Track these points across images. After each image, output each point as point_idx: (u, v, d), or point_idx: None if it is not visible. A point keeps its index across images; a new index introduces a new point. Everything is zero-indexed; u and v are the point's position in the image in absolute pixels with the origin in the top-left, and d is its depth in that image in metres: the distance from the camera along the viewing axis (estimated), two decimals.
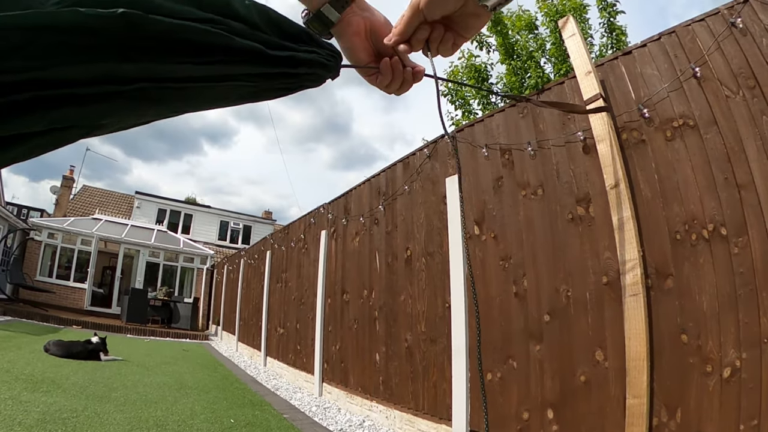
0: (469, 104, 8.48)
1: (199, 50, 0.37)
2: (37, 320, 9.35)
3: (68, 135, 0.37)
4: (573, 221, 2.22)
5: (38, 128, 0.34)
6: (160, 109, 0.40)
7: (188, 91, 0.39)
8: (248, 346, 7.94)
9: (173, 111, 0.41)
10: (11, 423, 2.43)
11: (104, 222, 14.56)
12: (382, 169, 4.01)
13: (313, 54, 0.45)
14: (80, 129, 0.37)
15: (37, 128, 0.34)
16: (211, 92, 0.41)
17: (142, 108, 0.38)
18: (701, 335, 1.69)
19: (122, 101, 0.36)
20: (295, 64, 0.44)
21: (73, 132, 0.37)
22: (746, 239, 1.62)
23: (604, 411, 1.94)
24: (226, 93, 0.42)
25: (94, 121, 0.37)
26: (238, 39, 0.38)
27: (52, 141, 0.37)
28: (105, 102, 0.35)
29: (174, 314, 12.21)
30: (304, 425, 3.31)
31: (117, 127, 0.40)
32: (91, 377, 4.13)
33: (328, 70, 0.48)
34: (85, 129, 0.37)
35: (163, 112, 0.41)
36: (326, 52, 0.47)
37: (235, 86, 0.41)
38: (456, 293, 2.79)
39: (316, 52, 0.46)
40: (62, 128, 0.36)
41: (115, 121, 0.39)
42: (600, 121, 2.09)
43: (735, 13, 1.78)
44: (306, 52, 0.44)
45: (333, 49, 0.49)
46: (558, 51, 7.49)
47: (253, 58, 0.40)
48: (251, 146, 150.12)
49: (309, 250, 5.44)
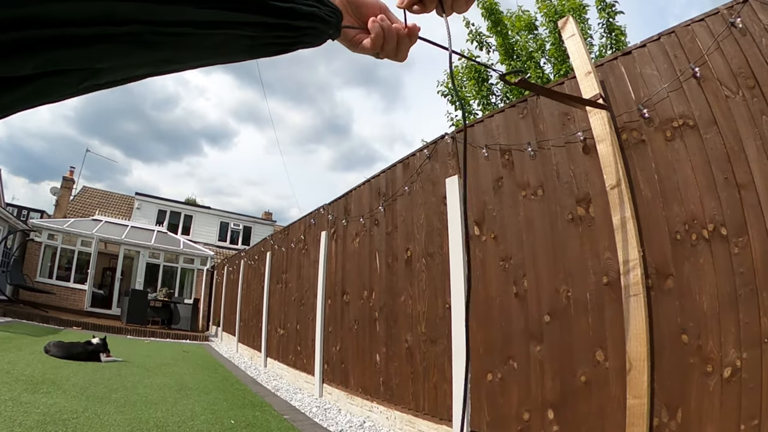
0: (469, 104, 8.48)
1: None
2: (37, 321, 9.34)
3: (59, 83, 0.35)
4: (573, 221, 2.22)
5: (26, 71, 0.32)
6: (155, 57, 0.38)
7: (185, 38, 0.37)
8: (248, 347, 7.94)
9: (168, 61, 0.39)
10: (11, 424, 2.43)
11: (104, 223, 14.56)
12: (382, 170, 4.02)
13: (313, 8, 0.44)
14: (73, 75, 0.35)
15: (25, 71, 0.32)
16: (209, 41, 0.39)
17: (137, 54, 0.36)
18: (702, 335, 1.69)
19: (116, 45, 0.34)
20: (296, 17, 0.43)
21: (64, 78, 0.34)
22: (746, 239, 1.62)
23: (604, 411, 1.94)
24: (223, 43, 0.40)
25: (88, 64, 0.34)
26: None
27: (40, 90, 0.34)
28: (98, 44, 0.33)
29: (174, 315, 12.21)
30: (304, 426, 3.30)
31: (113, 78, 0.38)
32: (92, 378, 4.13)
33: (329, 26, 0.47)
34: (78, 76, 0.35)
35: (158, 63, 0.39)
36: (327, 9, 0.46)
37: (234, 36, 0.40)
38: (456, 294, 2.79)
39: (316, 7, 0.45)
40: (52, 73, 0.33)
41: (107, 68, 0.36)
42: (600, 121, 2.09)
43: (734, 13, 1.78)
44: (307, 5, 0.44)
45: (334, 7, 0.48)
46: (558, 51, 7.49)
47: (252, 6, 0.39)
48: (251, 147, 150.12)
49: (309, 250, 5.44)
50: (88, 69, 0.35)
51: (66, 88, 0.36)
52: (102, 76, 0.37)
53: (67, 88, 0.36)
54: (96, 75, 0.36)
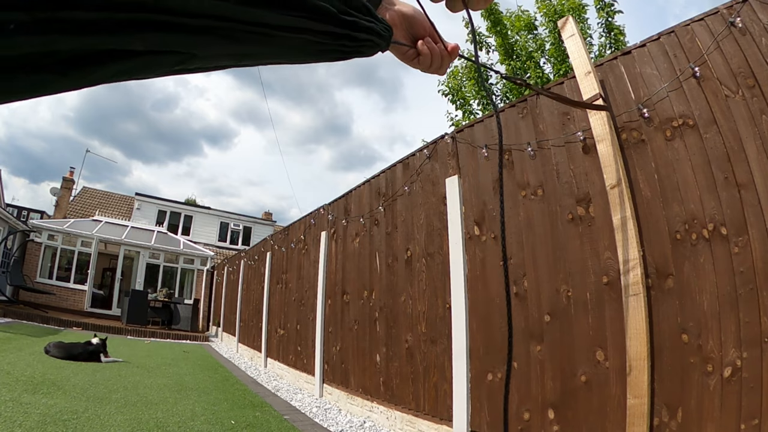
0: (470, 104, 8.48)
1: (286, 3, 0.43)
2: (37, 322, 9.35)
3: (160, 62, 0.41)
4: (573, 221, 2.22)
5: (136, 47, 0.37)
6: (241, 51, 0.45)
7: (269, 38, 0.44)
8: (249, 348, 7.94)
9: (249, 56, 0.47)
10: (12, 425, 2.43)
11: (104, 223, 14.56)
12: (382, 170, 4.02)
13: (372, 23, 0.52)
14: (172, 57, 0.41)
15: (135, 47, 0.37)
16: (287, 42, 0.46)
17: (229, 47, 0.43)
18: (702, 335, 1.69)
19: (213, 37, 0.40)
20: (357, 29, 0.50)
21: (165, 59, 0.40)
22: (746, 239, 1.62)
23: (604, 411, 1.94)
24: (297, 46, 0.47)
25: (188, 49, 0.41)
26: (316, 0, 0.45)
27: (145, 65, 0.40)
28: (201, 34, 0.40)
29: (174, 316, 12.21)
30: (304, 426, 3.30)
31: (201, 64, 0.44)
32: (92, 379, 4.13)
33: (383, 39, 0.54)
34: (176, 58, 0.41)
35: (241, 57, 0.46)
36: (382, 25, 0.54)
37: (307, 41, 0.47)
38: (456, 294, 2.79)
39: (374, 22, 0.52)
40: (157, 52, 0.39)
41: (201, 56, 0.43)
42: (600, 121, 2.09)
43: (734, 12, 1.78)
44: (367, 21, 0.51)
45: (387, 24, 0.55)
46: (557, 51, 7.49)
47: (325, 17, 0.46)
48: (251, 148, 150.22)
49: (309, 251, 5.44)
50: (186, 53, 0.41)
51: (164, 66, 0.42)
52: (195, 62, 0.43)
53: (165, 66, 0.42)
54: (191, 60, 0.42)
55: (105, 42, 0.36)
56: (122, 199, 21.56)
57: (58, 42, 0.34)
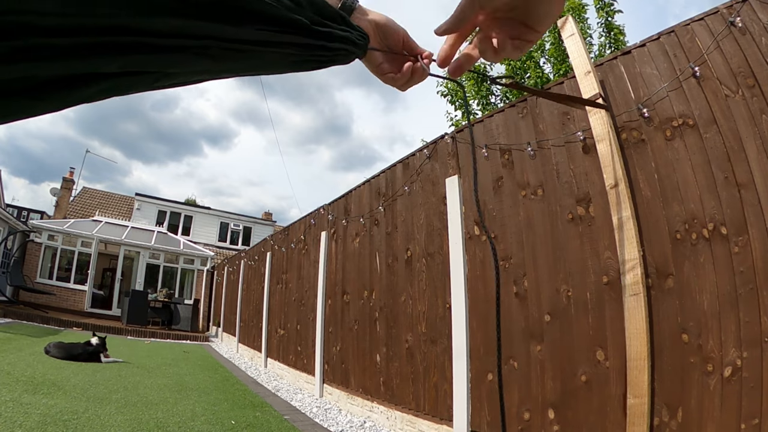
0: (469, 104, 8.48)
1: (260, 19, 0.43)
2: (37, 322, 9.35)
3: (138, 81, 0.41)
4: (573, 221, 2.22)
5: (111, 69, 0.38)
6: (218, 67, 0.45)
7: (244, 53, 0.44)
8: (249, 348, 7.94)
9: (227, 71, 0.47)
10: (12, 425, 2.43)
11: (104, 224, 14.57)
12: (382, 170, 4.02)
13: (347, 32, 0.52)
14: (149, 76, 0.41)
15: (111, 69, 0.38)
16: (263, 56, 0.46)
17: (204, 63, 0.43)
18: (702, 334, 1.69)
19: (188, 55, 0.41)
20: (332, 39, 0.50)
21: (142, 79, 0.41)
22: (746, 238, 1.62)
23: (605, 411, 1.94)
24: (274, 59, 0.48)
25: (164, 68, 0.41)
26: (290, 13, 0.45)
27: (123, 85, 0.41)
28: (176, 53, 0.40)
29: (174, 316, 12.21)
30: (305, 426, 3.30)
31: (180, 80, 0.45)
32: (92, 379, 4.13)
33: (358, 48, 0.54)
34: (153, 77, 0.42)
35: (218, 72, 0.46)
36: (357, 33, 0.54)
37: (283, 54, 0.47)
38: (456, 294, 2.79)
39: (349, 32, 0.52)
40: (133, 73, 0.40)
41: (179, 72, 0.43)
42: (600, 120, 2.09)
43: (734, 12, 1.78)
44: (341, 30, 0.51)
45: (362, 31, 0.55)
46: (557, 51, 7.49)
47: (299, 30, 0.47)
48: (251, 148, 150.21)
49: (309, 251, 5.44)
50: (162, 72, 0.42)
51: (142, 85, 0.43)
52: (173, 78, 0.44)
53: (143, 85, 0.43)
54: (168, 77, 0.43)
55: (80, 66, 0.36)
56: (122, 199, 21.56)
57: (34, 68, 0.34)
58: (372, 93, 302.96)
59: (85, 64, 0.36)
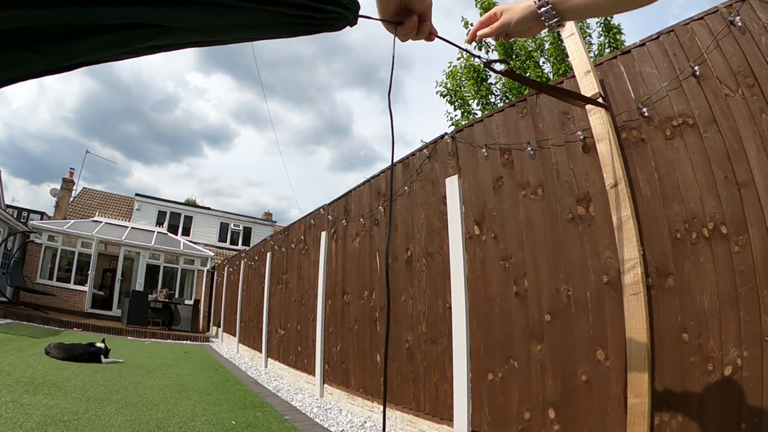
0: (469, 104, 8.48)
1: None
2: (37, 323, 9.34)
3: (136, 37, 0.42)
4: (573, 221, 2.22)
5: (112, 20, 0.39)
6: (213, 24, 0.46)
7: (240, 10, 0.46)
8: (249, 348, 7.94)
9: (220, 31, 0.48)
10: (12, 426, 2.43)
11: (104, 224, 14.56)
12: (382, 170, 4.02)
13: None
14: (148, 31, 0.42)
15: (111, 20, 0.39)
16: (256, 14, 0.48)
17: (201, 18, 0.45)
18: (702, 334, 1.69)
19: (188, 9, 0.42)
20: (325, 1, 0.52)
21: (140, 33, 0.42)
22: (746, 237, 1.62)
23: (605, 410, 1.94)
24: (266, 18, 0.49)
25: (162, 21, 0.42)
26: None
27: (119, 40, 0.42)
28: (176, 5, 0.41)
29: (174, 316, 12.20)
30: (305, 426, 3.30)
31: (175, 40, 0.46)
32: (92, 380, 4.13)
33: (349, 12, 0.56)
34: (152, 32, 0.43)
35: (212, 30, 0.48)
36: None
37: (276, 13, 0.49)
38: (456, 294, 2.79)
39: None
40: (132, 26, 0.41)
41: (177, 29, 0.44)
42: (599, 120, 2.09)
43: (734, 11, 1.78)
44: None
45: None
46: (557, 51, 7.49)
47: None
48: (251, 148, 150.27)
49: (309, 251, 5.44)
50: (160, 26, 0.43)
51: (138, 41, 0.43)
52: (168, 37, 0.45)
53: (140, 42, 0.43)
54: (164, 34, 0.44)
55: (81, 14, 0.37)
56: (122, 199, 21.55)
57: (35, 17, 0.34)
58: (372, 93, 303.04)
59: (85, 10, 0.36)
